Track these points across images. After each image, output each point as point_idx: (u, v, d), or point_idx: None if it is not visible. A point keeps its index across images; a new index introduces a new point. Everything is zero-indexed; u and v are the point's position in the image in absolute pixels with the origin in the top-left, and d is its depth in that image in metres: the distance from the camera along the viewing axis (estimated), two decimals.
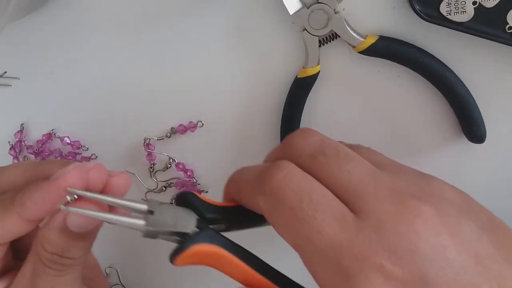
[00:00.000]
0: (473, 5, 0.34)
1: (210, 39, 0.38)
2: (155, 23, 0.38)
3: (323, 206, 0.23)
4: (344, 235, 0.22)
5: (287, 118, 0.38)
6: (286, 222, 0.23)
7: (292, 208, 0.23)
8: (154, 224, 0.24)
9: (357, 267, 0.21)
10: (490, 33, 0.34)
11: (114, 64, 0.40)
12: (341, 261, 0.21)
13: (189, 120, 0.40)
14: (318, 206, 0.22)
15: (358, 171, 0.24)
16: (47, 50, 0.40)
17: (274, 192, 0.23)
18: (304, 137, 0.26)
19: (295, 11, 0.35)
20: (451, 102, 0.37)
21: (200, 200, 0.26)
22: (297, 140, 0.26)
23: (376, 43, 0.35)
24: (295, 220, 0.23)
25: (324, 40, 0.36)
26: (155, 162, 0.41)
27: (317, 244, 0.22)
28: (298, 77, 0.37)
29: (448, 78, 0.36)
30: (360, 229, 0.22)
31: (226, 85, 0.39)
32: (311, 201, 0.23)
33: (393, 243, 0.21)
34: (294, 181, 0.23)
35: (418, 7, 0.34)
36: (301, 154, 0.25)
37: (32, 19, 0.39)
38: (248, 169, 0.27)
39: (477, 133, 0.37)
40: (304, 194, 0.23)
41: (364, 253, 0.21)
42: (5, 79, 0.41)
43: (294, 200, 0.23)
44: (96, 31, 0.39)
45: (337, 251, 0.21)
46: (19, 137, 0.41)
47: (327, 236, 0.22)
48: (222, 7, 0.37)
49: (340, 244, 0.21)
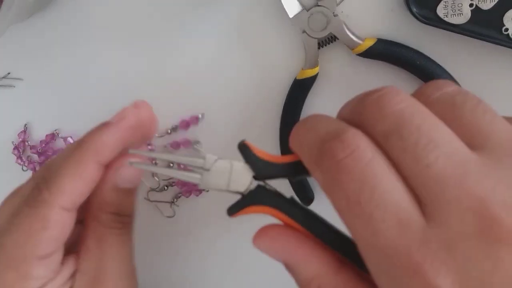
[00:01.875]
0: (470, 7, 0.34)
1: (210, 41, 0.39)
2: (155, 26, 0.39)
3: (386, 203, 0.18)
4: (403, 243, 0.18)
5: (286, 119, 0.38)
6: (340, 208, 0.19)
7: (348, 199, 0.19)
8: (207, 183, 0.24)
9: (409, 284, 0.17)
10: (487, 35, 0.34)
11: (116, 64, 0.40)
12: (394, 270, 0.18)
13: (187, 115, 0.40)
14: (380, 202, 0.18)
15: (440, 165, 0.18)
16: (50, 51, 0.40)
17: (332, 172, 0.19)
18: (380, 106, 0.20)
19: (295, 13, 0.36)
20: None
21: (256, 156, 0.24)
22: (370, 110, 0.20)
23: (375, 45, 0.35)
24: (349, 212, 0.19)
25: (323, 43, 0.37)
26: (157, 162, 0.42)
27: (370, 245, 0.19)
28: (297, 79, 0.37)
29: None
30: (426, 241, 0.18)
31: (226, 86, 0.39)
32: (372, 195, 0.18)
33: (461, 269, 0.17)
34: (357, 165, 0.19)
35: (415, 10, 0.34)
36: (373, 128, 0.20)
37: (35, 21, 0.39)
38: (315, 126, 0.22)
39: None
40: (366, 186, 0.19)
41: (422, 271, 0.17)
42: (9, 80, 0.41)
43: (352, 189, 0.19)
44: (98, 32, 0.39)
45: (392, 258, 0.18)
46: (23, 137, 0.42)
47: (382, 240, 0.18)
48: (223, 10, 0.38)
49: (396, 251, 0.18)
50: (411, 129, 0.19)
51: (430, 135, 0.19)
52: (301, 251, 0.23)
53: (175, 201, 0.42)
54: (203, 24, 0.38)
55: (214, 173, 0.24)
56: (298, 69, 0.38)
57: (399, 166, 0.19)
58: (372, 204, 0.18)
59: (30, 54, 0.41)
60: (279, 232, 0.23)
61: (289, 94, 0.38)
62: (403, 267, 0.18)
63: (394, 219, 0.18)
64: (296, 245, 0.23)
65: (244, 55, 0.39)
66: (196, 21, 0.38)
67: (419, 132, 0.19)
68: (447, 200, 0.18)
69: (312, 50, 0.36)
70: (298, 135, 0.22)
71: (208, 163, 0.25)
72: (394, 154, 0.19)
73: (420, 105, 0.20)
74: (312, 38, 0.36)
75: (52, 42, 0.40)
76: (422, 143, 0.18)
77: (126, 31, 0.39)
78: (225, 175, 0.24)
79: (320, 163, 0.20)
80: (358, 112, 0.21)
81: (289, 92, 0.38)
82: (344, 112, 0.22)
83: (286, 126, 0.38)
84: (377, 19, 0.36)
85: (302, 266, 0.22)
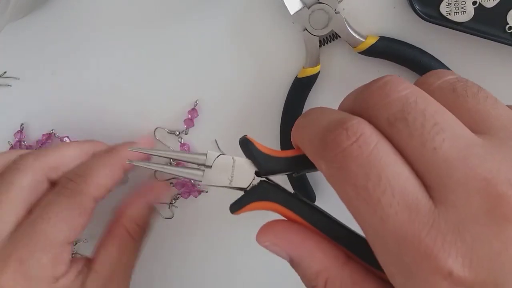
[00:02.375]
0: (473, 5, 0.34)
1: (210, 38, 0.38)
2: (154, 24, 0.38)
3: (394, 188, 0.18)
4: (413, 227, 0.18)
5: (286, 118, 0.38)
6: (347, 197, 0.19)
7: (355, 185, 0.19)
8: (209, 180, 0.24)
9: (420, 268, 0.17)
10: (490, 33, 0.34)
11: (114, 63, 0.40)
12: (404, 256, 0.18)
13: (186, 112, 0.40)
14: (387, 187, 0.18)
15: (447, 148, 0.18)
16: (47, 50, 0.40)
17: (337, 161, 0.19)
18: (385, 93, 0.20)
19: (295, 11, 0.35)
20: None
21: (258, 150, 0.24)
22: (374, 97, 0.20)
23: (377, 43, 0.35)
24: (357, 199, 0.19)
25: (324, 40, 0.36)
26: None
27: (379, 231, 0.18)
28: (298, 77, 0.37)
29: None
30: (435, 224, 0.18)
31: (226, 84, 0.39)
32: (380, 180, 0.18)
33: (470, 250, 0.17)
34: (363, 152, 0.19)
35: (418, 7, 0.34)
36: (377, 116, 0.20)
37: (32, 20, 0.39)
38: (317, 118, 0.22)
39: None
40: (373, 171, 0.18)
41: (433, 254, 0.17)
42: (5, 79, 0.41)
43: (359, 176, 0.19)
44: (95, 31, 0.39)
45: (402, 244, 0.18)
46: (19, 137, 0.41)
47: (391, 226, 0.18)
48: (223, 7, 0.37)
49: (405, 236, 0.18)
50: (416, 114, 0.19)
51: (435, 119, 0.19)
52: (307, 246, 0.22)
53: (173, 202, 0.41)
54: (204, 21, 0.38)
55: (216, 170, 0.24)
56: (299, 68, 0.37)
57: (405, 151, 0.19)
58: (380, 190, 0.18)
59: (26, 53, 0.40)
60: (284, 227, 0.23)
61: (290, 93, 0.37)
62: (413, 251, 0.17)
63: (402, 204, 0.18)
64: (301, 240, 0.23)
65: (244, 54, 0.38)
66: (197, 17, 0.38)
67: (424, 116, 0.19)
68: (454, 182, 0.18)
69: (313, 48, 0.36)
70: (301, 128, 0.22)
71: (209, 159, 0.24)
72: (400, 140, 0.19)
73: (423, 92, 0.20)
74: (313, 36, 0.36)
75: (48, 41, 0.40)
76: (428, 126, 0.19)
77: (125, 30, 0.39)
78: (227, 171, 0.24)
79: (324, 154, 0.20)
80: (362, 99, 0.21)
81: (290, 90, 0.37)
82: (346, 103, 0.23)
83: (287, 125, 0.38)
84: (379, 17, 0.36)
85: (309, 260, 0.22)
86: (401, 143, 0.19)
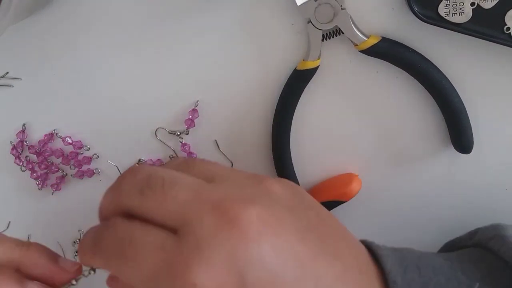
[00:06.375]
0: (471, 6, 0.34)
1: (211, 38, 0.38)
2: (155, 24, 0.38)
3: (143, 242, 0.23)
4: (164, 259, 0.22)
5: (281, 109, 0.38)
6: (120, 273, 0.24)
7: (118, 258, 0.23)
8: None
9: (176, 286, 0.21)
10: (488, 34, 0.34)
11: (115, 64, 0.40)
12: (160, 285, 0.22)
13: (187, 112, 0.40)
14: (138, 244, 0.23)
15: (183, 193, 0.23)
16: (49, 51, 0.40)
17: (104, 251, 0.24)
18: (133, 175, 0.25)
19: (302, 2, 0.35)
20: (443, 110, 0.37)
21: None
22: (125, 181, 0.25)
23: (378, 44, 0.35)
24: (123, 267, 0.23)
25: (327, 35, 0.36)
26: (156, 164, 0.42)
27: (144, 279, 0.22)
28: (297, 69, 0.37)
29: (444, 87, 0.36)
30: (178, 251, 0.22)
31: (227, 84, 0.39)
32: (131, 242, 0.23)
33: (210, 257, 0.21)
34: (117, 233, 0.24)
35: (417, 8, 0.34)
36: (130, 194, 0.25)
37: (34, 21, 0.39)
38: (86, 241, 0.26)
39: (465, 143, 0.37)
40: (125, 240, 0.23)
41: (180, 273, 0.21)
42: (7, 80, 0.41)
43: (117, 250, 0.23)
44: (97, 32, 0.39)
45: (157, 277, 0.22)
46: (21, 137, 0.42)
47: (150, 266, 0.22)
48: (226, 7, 0.37)
49: (160, 269, 0.22)
50: (157, 179, 0.24)
51: (171, 177, 0.24)
52: None
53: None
54: (205, 22, 0.38)
55: None
56: (299, 60, 0.37)
57: (153, 214, 0.24)
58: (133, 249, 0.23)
59: (28, 54, 0.40)
60: None
61: (287, 84, 0.37)
62: (166, 277, 0.22)
63: (152, 248, 0.22)
64: None
65: (245, 53, 0.38)
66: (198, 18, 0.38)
67: (163, 178, 0.24)
68: (191, 213, 0.23)
69: (316, 42, 0.36)
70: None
71: None
72: (149, 205, 0.24)
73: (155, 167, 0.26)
74: (317, 30, 0.36)
75: (50, 41, 0.40)
76: (167, 184, 0.24)
77: (126, 30, 0.39)
78: None
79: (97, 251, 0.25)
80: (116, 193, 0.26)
81: (288, 82, 0.37)
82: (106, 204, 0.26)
83: (281, 115, 0.38)
84: (378, 18, 0.36)
85: None
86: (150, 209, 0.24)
